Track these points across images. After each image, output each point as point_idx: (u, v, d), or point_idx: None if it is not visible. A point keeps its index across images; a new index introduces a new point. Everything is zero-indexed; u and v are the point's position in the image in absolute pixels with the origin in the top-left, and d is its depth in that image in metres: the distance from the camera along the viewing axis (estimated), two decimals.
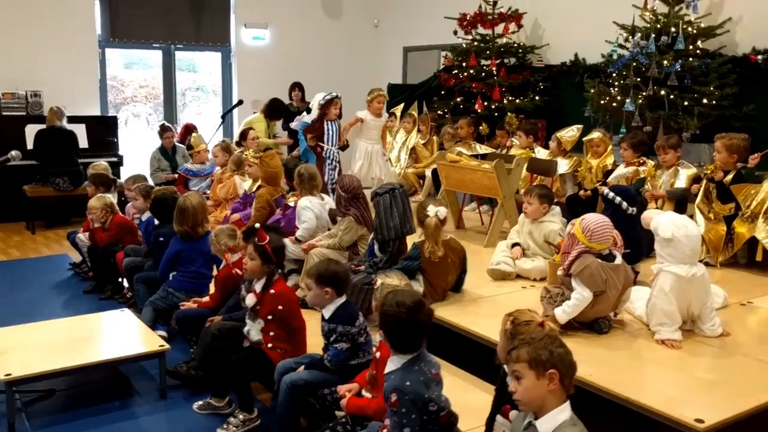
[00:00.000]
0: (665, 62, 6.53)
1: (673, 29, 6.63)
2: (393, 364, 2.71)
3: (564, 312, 3.75)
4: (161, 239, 5.33)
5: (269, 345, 3.68)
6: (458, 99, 8.86)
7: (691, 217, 5.34)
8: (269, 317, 3.74)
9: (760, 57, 6.53)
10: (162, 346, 4.12)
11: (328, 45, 11.50)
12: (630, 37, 6.99)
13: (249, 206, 6.10)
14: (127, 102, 12.04)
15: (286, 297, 3.69)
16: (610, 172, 6.33)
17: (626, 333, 3.86)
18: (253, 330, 3.86)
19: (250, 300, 3.87)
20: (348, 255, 4.81)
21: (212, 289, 4.61)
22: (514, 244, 5.04)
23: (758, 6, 6.76)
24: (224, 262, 4.54)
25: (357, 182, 4.80)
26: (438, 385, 2.70)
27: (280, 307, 3.65)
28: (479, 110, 8.53)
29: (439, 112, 9.10)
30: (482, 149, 7.59)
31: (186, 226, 4.85)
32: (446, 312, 4.18)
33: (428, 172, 8.01)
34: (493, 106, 8.50)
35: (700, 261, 5.19)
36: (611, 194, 4.56)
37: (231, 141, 8.37)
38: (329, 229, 5.08)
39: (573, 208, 6.25)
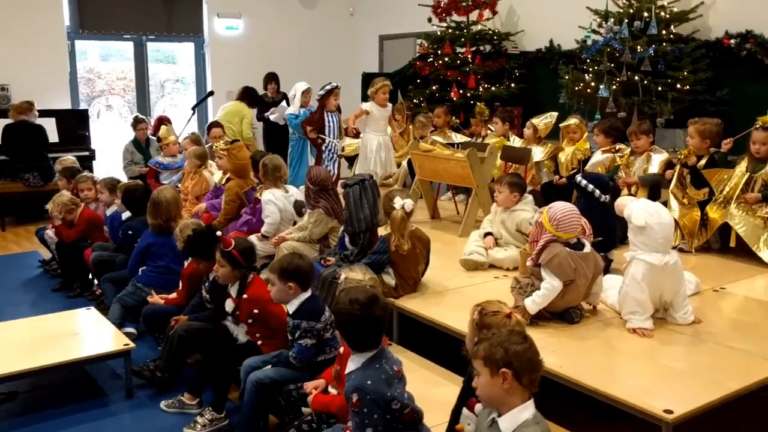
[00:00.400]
0: (638, 47, 6.49)
1: (645, 14, 6.59)
2: (353, 363, 2.65)
3: (533, 302, 3.70)
4: (130, 233, 5.24)
5: (259, 343, 3.62)
6: (434, 87, 8.79)
7: (665, 203, 5.34)
8: (249, 321, 3.68)
9: (733, 41, 6.51)
10: (127, 345, 4.02)
11: (303, 34, 11.36)
12: (603, 22, 6.94)
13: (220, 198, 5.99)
14: (104, 94, 11.85)
15: (260, 300, 3.61)
16: (587, 159, 6.30)
17: (598, 322, 3.82)
18: (240, 334, 3.81)
19: (228, 306, 3.82)
20: (319, 248, 4.73)
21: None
22: (487, 234, 4.98)
23: None
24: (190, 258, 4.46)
25: (325, 174, 4.72)
26: (400, 382, 2.64)
27: (255, 311, 3.59)
28: (455, 98, 8.46)
29: (414, 100, 9.01)
30: (458, 138, 7.53)
31: (160, 220, 4.78)
32: (416, 304, 4.12)
33: (404, 162, 7.94)
34: (468, 94, 8.43)
35: (674, 247, 5.31)
36: (584, 182, 4.50)
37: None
38: (295, 223, 4.99)
39: (548, 196, 6.21)
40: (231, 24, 10.96)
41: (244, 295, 3.65)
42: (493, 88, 8.44)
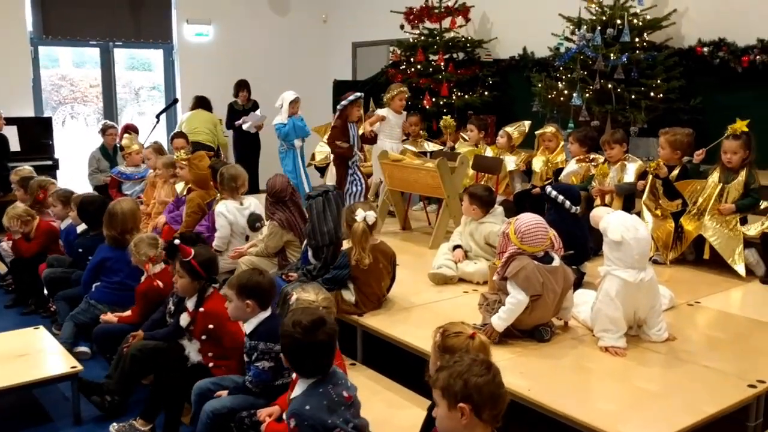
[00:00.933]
0: (612, 55, 6.39)
1: (618, 21, 6.49)
2: (299, 387, 2.51)
3: (500, 319, 3.53)
4: (81, 251, 5.04)
5: (210, 365, 3.42)
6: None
7: (638, 214, 5.22)
8: (203, 337, 3.48)
9: (706, 49, 6.43)
10: (74, 367, 3.80)
11: (274, 41, 11.16)
12: (576, 29, 6.83)
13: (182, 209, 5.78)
14: (69, 102, 11.54)
15: (217, 315, 3.41)
16: (561, 169, 6.18)
17: (569, 340, 3.67)
18: (192, 351, 3.61)
19: (184, 320, 3.62)
20: (278, 262, 4.54)
21: None
22: (456, 247, 4.82)
23: None
24: (146, 273, 4.25)
25: (282, 184, 4.52)
26: (349, 409, 2.47)
27: (210, 326, 3.39)
28: (428, 106, 8.31)
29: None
30: (431, 146, 7.39)
31: (114, 232, 4.58)
32: (380, 321, 3.94)
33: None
34: (441, 102, 8.29)
35: (650, 259, 5.19)
36: (554, 193, 4.37)
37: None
38: (248, 237, 4.80)
39: (521, 206, 6.08)
40: (201, 30, 10.73)
41: (201, 309, 3.45)
42: (466, 96, 8.30)
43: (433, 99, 8.30)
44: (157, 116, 7.81)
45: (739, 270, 4.64)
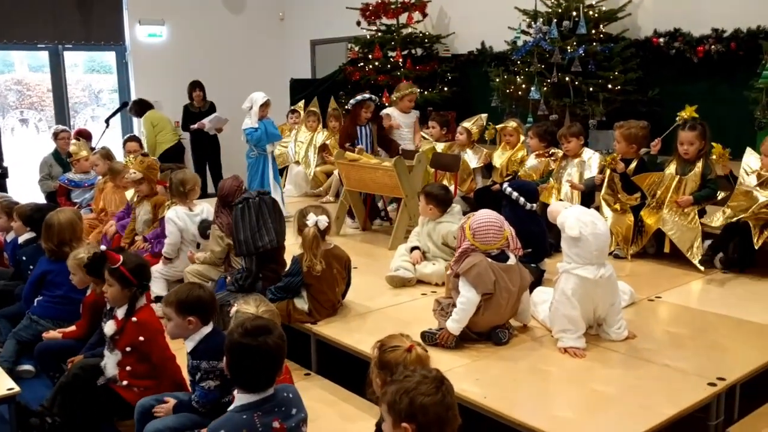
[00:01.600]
0: (568, 48, 6.33)
1: (574, 13, 6.43)
2: (234, 402, 2.36)
3: (454, 321, 3.42)
4: (24, 258, 4.82)
5: (124, 382, 3.23)
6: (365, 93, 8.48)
7: (598, 208, 5.15)
8: (128, 349, 3.28)
9: (662, 40, 6.41)
10: (11, 389, 3.57)
11: (230, 40, 10.94)
12: (532, 22, 6.76)
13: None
14: (33, 107, 11.21)
15: (150, 327, 3.22)
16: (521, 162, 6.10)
17: (528, 342, 3.57)
18: (110, 363, 3.39)
19: (109, 328, 3.39)
20: (224, 269, 4.37)
21: None
22: (413, 248, 4.70)
23: None
24: (92, 285, 4.05)
25: (231, 187, 4.34)
26: None
27: (141, 339, 3.20)
28: (387, 104, 8.17)
29: (346, 107, 8.69)
30: None
31: (51, 243, 4.34)
32: (334, 329, 3.80)
33: (336, 172, 7.61)
34: None
35: (610, 253, 5.13)
36: (509, 189, 4.27)
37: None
38: (198, 244, 4.63)
39: (481, 202, 5.98)
40: (154, 31, 10.47)
41: (133, 318, 3.26)
42: (425, 93, 8.19)
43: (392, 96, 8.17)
44: (107, 121, 7.56)
45: (698, 264, 4.59)
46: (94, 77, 11.52)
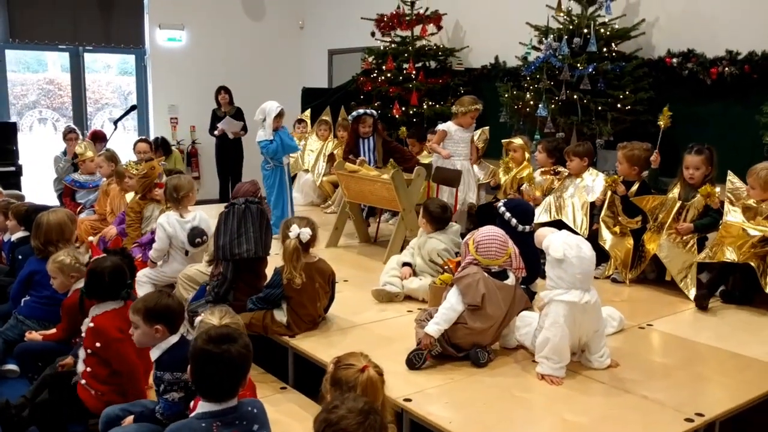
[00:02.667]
0: (578, 65, 6.22)
1: (585, 31, 6.32)
2: (196, 410, 2.33)
3: (434, 323, 3.36)
4: (20, 257, 4.83)
5: (83, 381, 3.23)
6: (376, 104, 8.45)
7: (596, 231, 5.04)
8: (89, 351, 3.27)
9: (675, 60, 6.27)
10: None
11: (249, 47, 10.99)
12: (543, 38, 6.67)
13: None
14: (65, 107, 11.40)
15: (106, 335, 3.19)
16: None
17: (506, 366, 3.47)
18: (80, 360, 3.39)
19: (85, 324, 3.40)
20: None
21: None
22: (405, 264, 4.63)
23: (673, 7, 6.51)
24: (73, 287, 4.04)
25: (246, 191, 4.26)
26: None
27: (97, 345, 3.18)
28: (397, 115, 8.14)
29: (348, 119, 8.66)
30: None
31: (38, 242, 4.36)
32: (312, 343, 3.73)
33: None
34: (411, 112, 8.11)
35: (608, 276, 5.02)
36: (502, 209, 4.19)
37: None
38: (187, 252, 4.60)
39: (483, 219, 5.90)
40: (173, 35, 10.56)
41: (91, 323, 3.25)
42: (437, 106, 8.13)
43: (403, 108, 8.13)
44: (115, 123, 7.61)
45: (690, 294, 4.45)
46: (125, 79, 11.67)
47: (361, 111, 6.31)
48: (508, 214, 4.13)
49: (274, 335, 3.80)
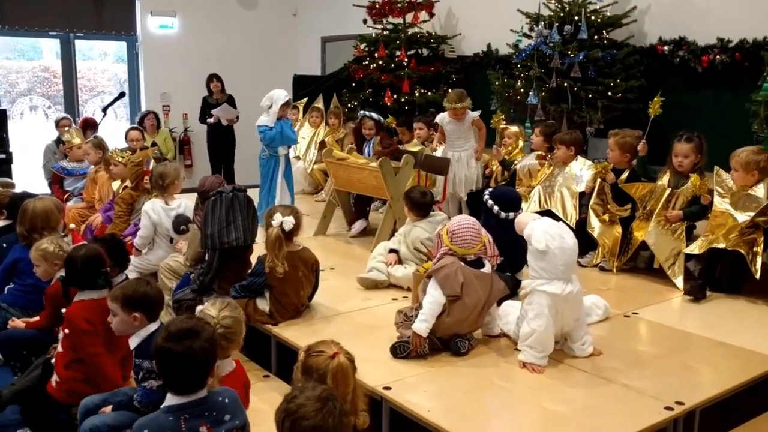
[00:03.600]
0: (569, 52, 6.17)
1: (577, 18, 6.27)
2: (164, 402, 2.31)
3: (421, 321, 3.33)
4: (5, 245, 4.79)
5: (52, 360, 3.22)
6: (368, 92, 8.40)
7: (585, 219, 5.02)
8: (65, 332, 3.26)
9: (666, 48, 6.23)
10: None
11: (241, 35, 10.91)
12: (534, 25, 6.62)
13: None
14: (60, 94, 11.33)
15: (75, 324, 3.17)
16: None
17: (488, 354, 3.46)
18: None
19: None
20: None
21: None
22: (392, 250, 4.60)
23: None
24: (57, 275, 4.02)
25: (212, 183, 4.26)
26: None
27: (66, 331, 3.17)
28: (389, 103, 8.09)
29: (349, 105, 8.62)
30: None
31: (23, 228, 4.34)
32: (295, 332, 3.71)
33: None
34: (402, 99, 8.06)
35: (596, 265, 4.99)
36: (486, 196, 4.16)
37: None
38: (171, 239, 4.57)
39: (474, 207, 5.87)
40: (165, 22, 10.47)
41: (63, 309, 3.25)
42: (429, 94, 8.08)
43: (395, 96, 8.08)
44: (104, 110, 7.56)
45: (677, 282, 4.43)
46: (121, 67, 11.59)
47: (362, 113, 6.20)
48: (491, 202, 4.10)
49: (257, 323, 3.77)
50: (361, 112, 6.29)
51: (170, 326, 2.37)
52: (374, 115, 6.24)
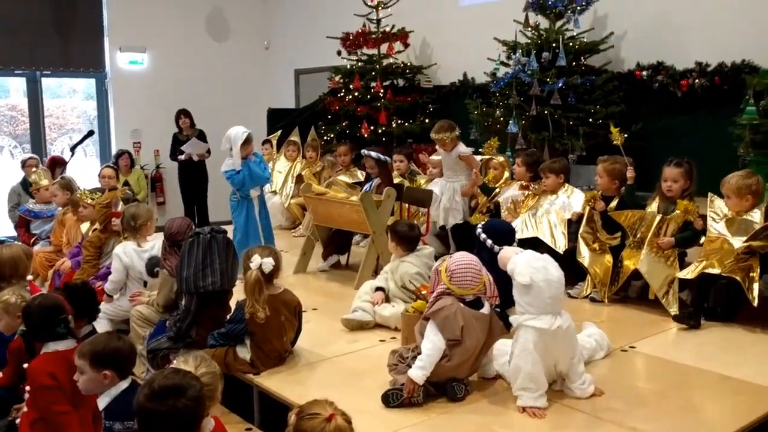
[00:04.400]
0: (548, 80, 6.10)
1: (554, 45, 6.22)
2: None
3: (418, 368, 3.14)
4: None
5: (17, 421, 3.00)
6: (344, 123, 8.28)
7: (575, 248, 4.88)
8: (27, 387, 3.01)
9: (645, 73, 6.19)
10: None
11: (214, 69, 10.78)
12: (512, 53, 6.55)
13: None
14: (27, 133, 11.02)
15: (35, 381, 2.93)
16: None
17: (485, 399, 3.27)
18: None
19: None
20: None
21: None
22: (378, 288, 4.42)
23: (642, 19, 6.45)
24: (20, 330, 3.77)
25: (181, 226, 4.07)
26: None
27: (27, 388, 2.93)
28: (366, 135, 7.96)
29: (325, 137, 8.48)
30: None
31: None
32: (278, 381, 3.50)
33: None
34: (380, 131, 7.94)
35: (587, 296, 4.85)
36: (479, 230, 4.01)
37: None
38: (145, 283, 4.35)
39: (459, 240, 5.71)
40: (135, 58, 10.31)
41: (25, 364, 3.02)
42: (406, 124, 7.97)
43: (371, 127, 7.96)
44: (72, 149, 7.31)
45: (671, 310, 4.30)
46: (91, 104, 11.37)
47: (363, 152, 5.88)
48: (483, 236, 3.95)
49: (237, 373, 3.55)
50: (363, 150, 5.89)
51: (153, 382, 2.17)
52: (373, 154, 5.79)
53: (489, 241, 3.93)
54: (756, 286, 4.02)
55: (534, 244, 4.94)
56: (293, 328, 3.71)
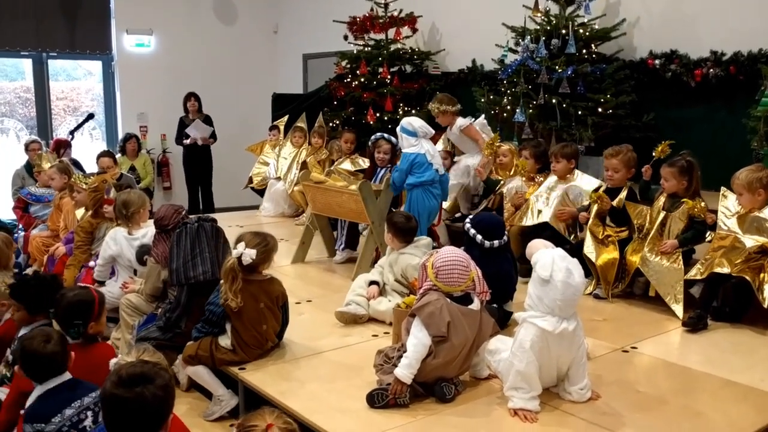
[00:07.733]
0: (557, 67, 5.91)
1: (564, 31, 6.02)
2: None
3: (404, 367, 3.02)
4: None
5: None
6: (350, 110, 8.12)
7: (582, 241, 4.73)
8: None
9: (657, 61, 5.99)
10: None
11: (221, 52, 10.64)
12: (520, 40, 6.36)
13: None
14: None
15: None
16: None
17: (476, 400, 3.14)
18: None
19: None
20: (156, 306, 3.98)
21: None
22: (372, 282, 4.29)
23: (655, 6, 6.23)
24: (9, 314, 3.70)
25: (168, 212, 3.96)
26: None
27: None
28: (371, 122, 7.81)
29: (330, 124, 8.33)
30: (367, 165, 6.85)
31: None
32: (262, 376, 3.38)
33: None
34: (386, 118, 7.79)
35: (590, 293, 4.70)
36: (467, 225, 3.86)
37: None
38: (135, 271, 4.26)
39: (457, 233, 5.58)
40: (141, 41, 10.19)
41: None
42: (413, 112, 7.80)
43: (377, 114, 7.80)
44: (71, 133, 7.22)
45: (677, 310, 4.14)
46: (99, 86, 11.26)
47: (378, 135, 5.52)
48: (473, 231, 3.81)
49: (223, 366, 3.45)
50: (378, 134, 5.56)
51: (121, 371, 2.12)
52: (393, 139, 5.44)
53: (479, 237, 3.79)
54: (767, 287, 3.86)
55: (541, 230, 4.82)
56: (275, 318, 3.58)
